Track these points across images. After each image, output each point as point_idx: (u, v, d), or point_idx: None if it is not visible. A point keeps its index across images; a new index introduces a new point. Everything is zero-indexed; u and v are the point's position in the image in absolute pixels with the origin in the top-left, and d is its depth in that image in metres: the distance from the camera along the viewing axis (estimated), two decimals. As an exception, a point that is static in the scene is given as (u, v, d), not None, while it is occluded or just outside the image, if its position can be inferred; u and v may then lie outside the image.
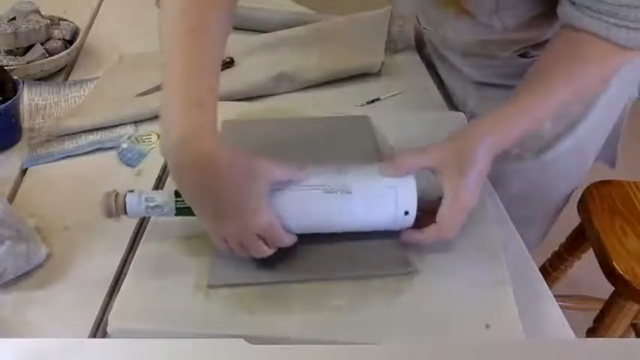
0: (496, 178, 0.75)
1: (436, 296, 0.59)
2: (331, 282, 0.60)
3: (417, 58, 1.02)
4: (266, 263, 0.60)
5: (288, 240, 0.59)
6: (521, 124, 0.65)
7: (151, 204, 0.59)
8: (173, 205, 0.59)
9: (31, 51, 0.91)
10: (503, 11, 0.75)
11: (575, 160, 0.93)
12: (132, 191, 0.60)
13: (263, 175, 0.56)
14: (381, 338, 0.55)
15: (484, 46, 0.84)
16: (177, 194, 0.59)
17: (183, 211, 0.59)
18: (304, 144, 0.76)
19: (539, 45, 0.81)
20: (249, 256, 0.58)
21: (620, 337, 1.14)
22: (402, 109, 0.90)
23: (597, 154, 0.96)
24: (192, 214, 0.58)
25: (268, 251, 0.58)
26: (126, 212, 0.59)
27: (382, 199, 0.60)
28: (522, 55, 0.83)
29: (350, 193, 0.59)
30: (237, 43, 0.97)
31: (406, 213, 0.60)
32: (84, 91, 0.90)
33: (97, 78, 0.93)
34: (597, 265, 1.05)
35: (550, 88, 0.65)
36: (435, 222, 0.60)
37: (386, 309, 0.58)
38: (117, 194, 0.59)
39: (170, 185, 0.72)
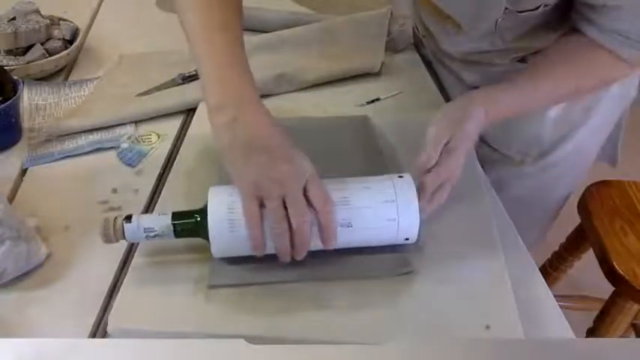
0: (496, 181, 0.76)
1: (436, 297, 0.59)
2: (331, 282, 0.60)
3: (417, 58, 1.02)
4: (266, 263, 0.60)
5: (327, 199, 0.57)
6: (512, 105, 0.70)
7: (151, 234, 0.59)
8: (172, 230, 0.59)
9: (31, 51, 0.91)
10: (502, 30, 0.74)
11: (575, 163, 0.93)
12: (129, 217, 0.59)
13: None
14: (381, 338, 0.55)
15: (483, 56, 0.84)
16: (174, 218, 0.59)
17: (182, 234, 0.59)
18: (304, 144, 0.76)
19: (539, 52, 0.80)
20: (284, 221, 0.55)
21: (620, 337, 1.14)
22: (402, 109, 0.89)
23: (597, 153, 0.96)
24: (191, 236, 0.59)
25: (306, 224, 0.55)
26: (125, 239, 0.59)
27: (383, 231, 0.60)
28: (522, 61, 0.83)
29: (351, 227, 0.59)
30: (237, 43, 0.97)
31: (406, 239, 0.61)
32: (84, 91, 0.90)
33: (97, 78, 0.93)
34: (597, 265, 1.05)
35: (550, 81, 0.69)
36: None
37: (386, 309, 0.58)
38: (115, 220, 0.59)
39: (169, 189, 0.73)
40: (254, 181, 0.56)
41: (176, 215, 0.59)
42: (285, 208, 0.56)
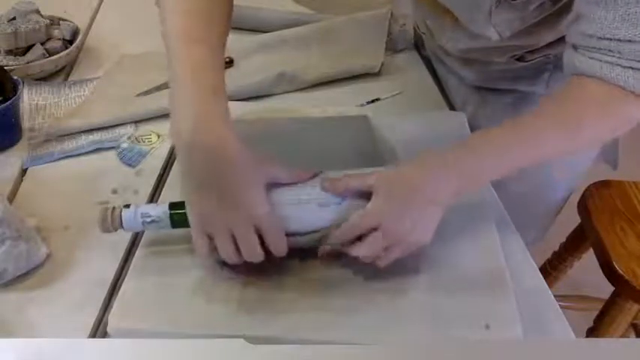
0: (495, 180, 0.75)
1: (436, 297, 0.59)
2: (331, 282, 0.60)
3: (417, 58, 1.02)
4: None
5: (282, 242, 0.56)
6: (492, 163, 0.59)
7: (147, 219, 0.59)
8: (169, 219, 0.59)
9: (31, 51, 0.91)
10: (497, 24, 0.74)
11: (575, 162, 0.93)
12: (128, 206, 0.59)
13: (267, 170, 0.57)
14: (381, 338, 0.55)
15: (481, 53, 0.84)
16: (171, 207, 0.59)
17: (179, 223, 0.59)
18: (304, 144, 0.76)
19: (537, 50, 0.80)
20: (234, 256, 0.56)
21: (620, 337, 1.14)
22: (402, 109, 0.90)
23: (597, 154, 0.96)
24: (189, 226, 0.59)
25: (258, 252, 0.55)
26: (122, 227, 0.59)
27: None
28: (519, 59, 0.83)
29: (341, 204, 0.58)
30: (237, 43, 0.97)
31: None
32: (84, 91, 0.90)
33: (97, 78, 0.93)
34: (597, 265, 1.05)
35: (535, 129, 0.58)
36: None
37: (386, 309, 0.58)
38: (113, 209, 0.59)
39: (169, 190, 0.73)
40: (202, 216, 0.56)
41: (173, 205, 0.60)
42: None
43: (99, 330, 0.58)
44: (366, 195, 0.57)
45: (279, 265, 0.59)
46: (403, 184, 0.57)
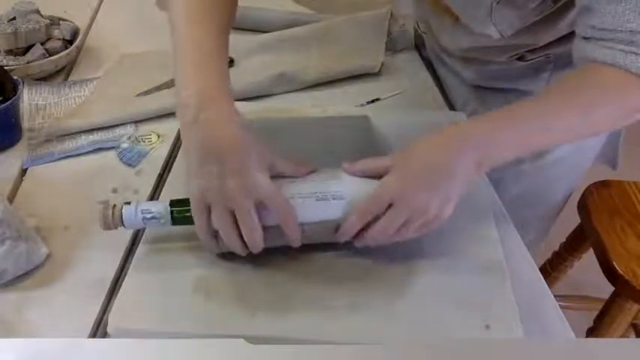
0: (495, 180, 0.76)
1: (436, 296, 0.59)
2: (331, 282, 0.60)
3: (417, 58, 1.02)
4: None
5: (292, 214, 0.56)
6: (508, 137, 0.59)
7: (148, 215, 0.59)
8: (169, 215, 0.59)
9: (31, 51, 0.91)
10: (498, 22, 0.74)
11: (575, 163, 0.93)
12: (128, 203, 0.60)
13: (270, 157, 0.58)
14: (381, 338, 0.55)
15: (481, 52, 0.84)
16: (172, 204, 0.60)
17: (179, 220, 0.60)
18: (304, 144, 0.76)
19: (538, 49, 0.81)
20: (236, 241, 0.56)
21: (620, 337, 1.14)
22: (402, 109, 0.90)
23: (597, 154, 0.96)
24: (189, 223, 0.59)
25: (259, 234, 0.56)
26: (123, 224, 0.60)
27: None
28: (520, 59, 0.83)
29: (342, 199, 0.59)
30: (237, 43, 0.97)
31: None
32: (84, 91, 0.90)
33: (97, 78, 0.93)
34: (597, 265, 1.05)
35: (551, 107, 0.59)
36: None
37: (386, 309, 0.58)
38: (114, 206, 0.59)
39: (169, 189, 0.73)
40: (202, 190, 0.56)
41: (174, 202, 0.60)
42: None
43: (99, 330, 0.58)
44: (378, 178, 0.58)
45: (279, 255, 0.60)
46: (418, 158, 0.58)
